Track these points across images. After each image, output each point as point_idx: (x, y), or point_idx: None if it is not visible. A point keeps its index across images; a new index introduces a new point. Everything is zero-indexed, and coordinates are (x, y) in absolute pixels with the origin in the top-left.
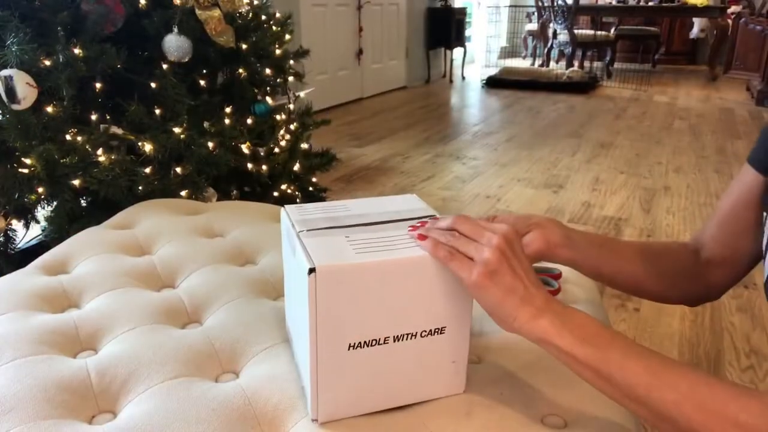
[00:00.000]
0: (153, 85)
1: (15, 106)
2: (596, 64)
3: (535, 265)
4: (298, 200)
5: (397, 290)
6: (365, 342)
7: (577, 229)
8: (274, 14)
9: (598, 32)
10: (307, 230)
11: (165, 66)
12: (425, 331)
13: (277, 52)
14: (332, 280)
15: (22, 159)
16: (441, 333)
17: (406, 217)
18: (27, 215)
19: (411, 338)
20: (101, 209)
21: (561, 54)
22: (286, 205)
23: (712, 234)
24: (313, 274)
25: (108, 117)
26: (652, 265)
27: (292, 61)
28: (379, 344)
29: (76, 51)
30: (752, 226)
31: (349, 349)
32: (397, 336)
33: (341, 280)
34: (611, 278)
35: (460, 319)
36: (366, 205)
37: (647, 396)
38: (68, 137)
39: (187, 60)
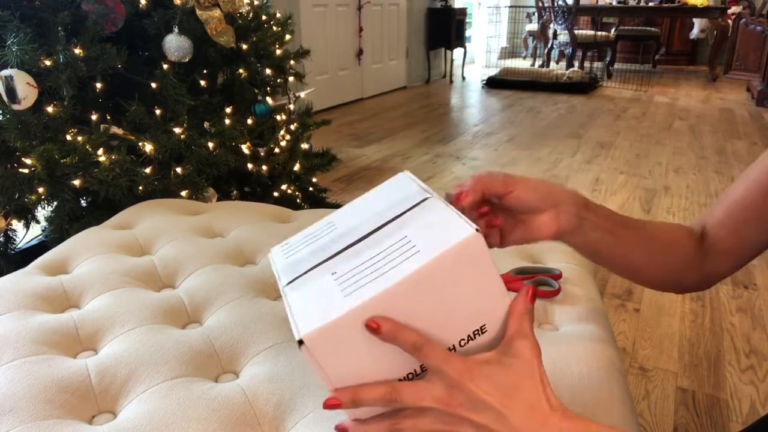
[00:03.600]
0: (153, 85)
1: (15, 106)
2: (596, 64)
3: (535, 265)
4: (298, 200)
5: (407, 314)
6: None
7: (592, 203)
8: (275, 14)
9: (599, 32)
10: (292, 280)
11: (165, 66)
12: (463, 340)
13: (278, 52)
14: (327, 341)
15: (23, 159)
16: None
17: (398, 213)
18: (27, 215)
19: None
20: (101, 209)
21: (561, 54)
22: (272, 249)
23: (719, 219)
24: (303, 347)
25: (108, 117)
26: (654, 257)
27: (292, 62)
28: (415, 375)
29: (77, 51)
30: (766, 216)
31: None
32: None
33: (338, 338)
34: (608, 263)
35: (496, 318)
36: (354, 212)
37: None
38: (68, 137)
39: (187, 60)
